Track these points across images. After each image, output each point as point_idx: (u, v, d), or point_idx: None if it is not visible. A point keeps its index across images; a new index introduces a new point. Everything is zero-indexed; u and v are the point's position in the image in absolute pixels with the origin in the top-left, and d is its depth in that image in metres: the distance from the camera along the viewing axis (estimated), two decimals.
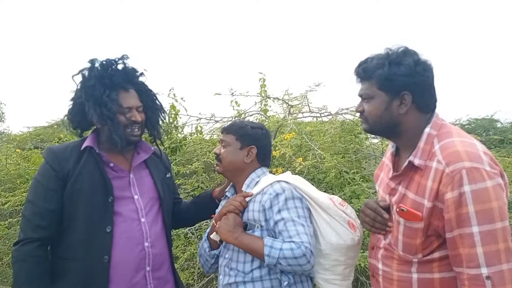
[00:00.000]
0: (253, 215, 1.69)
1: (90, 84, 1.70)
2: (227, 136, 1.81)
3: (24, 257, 1.62)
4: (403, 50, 1.40)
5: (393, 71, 1.37)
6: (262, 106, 4.22)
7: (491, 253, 1.19)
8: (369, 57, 1.45)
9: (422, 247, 1.33)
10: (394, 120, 1.40)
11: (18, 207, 3.87)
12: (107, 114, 1.68)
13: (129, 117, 1.72)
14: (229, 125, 1.88)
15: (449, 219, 1.24)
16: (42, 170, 1.71)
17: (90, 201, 1.65)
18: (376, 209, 1.49)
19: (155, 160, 1.90)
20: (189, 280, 3.00)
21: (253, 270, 1.65)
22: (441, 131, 1.37)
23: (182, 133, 4.36)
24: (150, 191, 1.81)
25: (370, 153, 3.91)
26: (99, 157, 1.72)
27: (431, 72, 1.40)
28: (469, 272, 1.21)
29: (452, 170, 1.24)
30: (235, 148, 1.78)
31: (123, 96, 1.73)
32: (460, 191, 1.21)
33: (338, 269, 1.67)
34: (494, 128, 9.58)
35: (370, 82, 1.42)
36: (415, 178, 1.37)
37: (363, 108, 1.46)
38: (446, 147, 1.31)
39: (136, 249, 1.68)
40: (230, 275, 1.69)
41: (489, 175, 1.21)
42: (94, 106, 1.68)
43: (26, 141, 6.66)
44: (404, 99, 1.37)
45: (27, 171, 4.30)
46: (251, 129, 1.82)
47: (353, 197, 3.23)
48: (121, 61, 1.78)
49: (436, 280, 1.33)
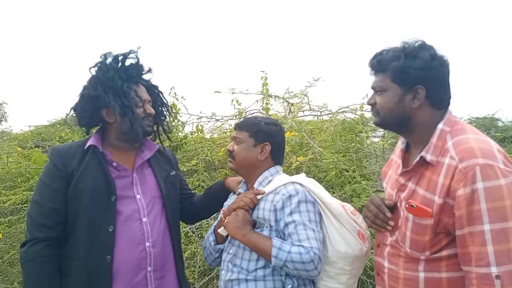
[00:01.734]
0: (263, 214, 1.68)
1: (109, 76, 1.71)
2: (240, 133, 1.79)
3: (32, 258, 1.62)
4: (420, 44, 1.38)
5: (408, 64, 1.35)
6: (264, 105, 4.21)
7: (502, 252, 1.16)
8: (385, 49, 1.43)
9: (430, 244, 1.31)
10: (406, 114, 1.39)
11: (19, 205, 3.88)
12: (128, 105, 1.70)
13: (143, 110, 1.76)
14: (243, 122, 1.86)
15: (460, 216, 1.22)
16: (46, 170, 1.72)
17: (93, 200, 1.65)
18: (380, 206, 1.48)
19: (158, 158, 1.90)
20: (190, 279, 3.01)
21: (257, 269, 1.64)
22: (454, 127, 1.35)
23: (182, 132, 4.36)
24: (153, 189, 1.81)
25: (371, 151, 3.90)
26: (103, 156, 1.72)
27: (447, 68, 1.38)
28: (478, 271, 1.19)
29: (466, 166, 1.22)
30: (249, 145, 1.76)
31: (137, 89, 1.77)
32: (473, 188, 1.19)
33: (343, 278, 1.65)
34: (496, 127, 9.58)
35: (384, 74, 1.40)
36: (426, 174, 1.35)
37: (375, 101, 1.44)
38: (459, 143, 1.29)
39: (137, 249, 1.67)
40: (233, 271, 1.68)
41: (503, 173, 1.19)
42: (115, 97, 1.69)
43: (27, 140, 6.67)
44: (418, 93, 1.36)
45: (28, 169, 4.30)
46: (265, 125, 1.79)
47: (354, 196, 3.23)
48: (132, 56, 1.80)
49: (444, 279, 1.31)
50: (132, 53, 1.79)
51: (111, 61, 1.75)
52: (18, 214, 3.89)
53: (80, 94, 1.77)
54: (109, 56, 1.76)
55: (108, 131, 1.79)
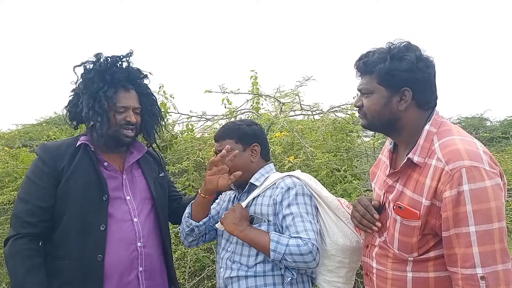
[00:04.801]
0: (261, 209, 1.68)
1: (89, 77, 1.68)
2: (225, 142, 1.76)
3: (16, 252, 1.59)
4: (405, 45, 1.37)
5: (394, 66, 1.34)
6: (254, 104, 4.20)
7: (487, 253, 1.17)
8: (371, 51, 1.42)
9: (418, 246, 1.32)
10: (393, 116, 1.38)
11: (7, 205, 3.82)
12: (97, 111, 1.65)
13: (123, 117, 1.70)
14: (223, 131, 1.82)
15: (446, 217, 1.23)
16: (34, 167, 1.67)
17: (85, 199, 1.63)
18: (367, 206, 1.48)
19: (148, 159, 1.88)
20: (180, 280, 2.98)
21: (256, 264, 1.64)
22: (441, 128, 1.35)
23: (172, 131, 4.32)
24: (143, 191, 1.79)
25: (362, 151, 3.92)
26: (94, 155, 1.70)
27: (433, 69, 1.38)
28: (463, 272, 1.20)
29: (452, 168, 1.22)
30: (239, 151, 1.75)
31: (122, 95, 1.71)
32: (459, 190, 1.20)
33: (342, 272, 1.67)
34: (484, 127, 9.69)
35: (370, 77, 1.39)
36: (413, 175, 1.35)
37: (362, 103, 1.44)
38: (446, 145, 1.29)
39: (129, 249, 1.66)
40: (233, 269, 1.67)
41: (488, 174, 1.20)
42: (88, 100, 1.66)
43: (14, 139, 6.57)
44: (404, 95, 1.35)
45: (15, 169, 4.24)
46: (248, 127, 1.79)
47: (344, 195, 3.23)
48: (127, 59, 1.76)
49: (431, 279, 1.32)
50: (128, 56, 1.76)
51: (99, 62, 1.72)
52: (6, 215, 3.83)
53: (73, 89, 1.77)
54: (100, 57, 1.73)
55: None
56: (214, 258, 3.24)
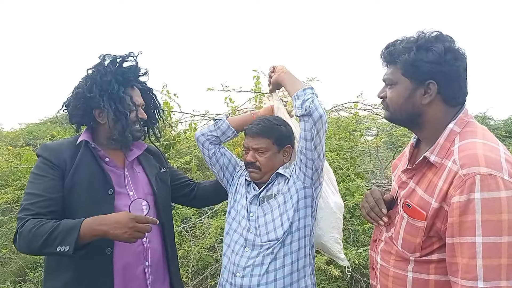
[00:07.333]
0: (278, 187, 1.75)
1: (107, 80, 1.70)
2: (261, 141, 1.75)
3: (30, 227, 1.50)
4: (435, 35, 1.29)
5: (419, 57, 1.27)
6: (257, 104, 4.20)
7: (492, 267, 1.09)
8: (398, 39, 1.35)
9: (421, 247, 1.27)
10: (416, 111, 1.32)
11: (10, 204, 3.83)
12: (123, 111, 1.70)
13: (136, 114, 1.75)
14: (260, 128, 1.77)
15: (451, 223, 1.16)
16: (38, 165, 1.67)
17: (91, 193, 1.63)
18: (378, 200, 1.45)
19: (147, 156, 1.90)
20: (183, 278, 2.99)
21: (285, 233, 1.66)
22: (465, 129, 1.27)
23: (176, 130, 4.33)
24: (145, 187, 1.80)
25: (365, 150, 3.91)
26: (96, 151, 1.71)
27: (463, 62, 1.29)
28: (463, 284, 1.13)
29: (466, 173, 1.14)
30: (274, 152, 1.76)
31: (132, 93, 1.76)
32: (470, 197, 1.12)
33: (340, 228, 1.88)
34: (487, 126, 9.66)
35: (395, 67, 1.33)
36: (428, 174, 1.29)
37: (385, 94, 1.38)
38: (465, 148, 1.21)
39: (135, 243, 1.65)
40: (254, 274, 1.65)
41: (506, 185, 1.10)
42: (109, 102, 1.68)
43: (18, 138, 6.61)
44: (429, 89, 1.28)
45: (19, 168, 4.25)
46: (284, 128, 1.80)
47: (347, 194, 3.24)
48: (130, 58, 1.78)
49: (432, 282, 1.27)
50: (131, 55, 1.78)
51: (110, 63, 1.73)
52: (10, 214, 3.85)
53: (74, 91, 1.75)
54: (108, 58, 1.74)
55: (98, 131, 1.77)
56: (217, 257, 3.24)
